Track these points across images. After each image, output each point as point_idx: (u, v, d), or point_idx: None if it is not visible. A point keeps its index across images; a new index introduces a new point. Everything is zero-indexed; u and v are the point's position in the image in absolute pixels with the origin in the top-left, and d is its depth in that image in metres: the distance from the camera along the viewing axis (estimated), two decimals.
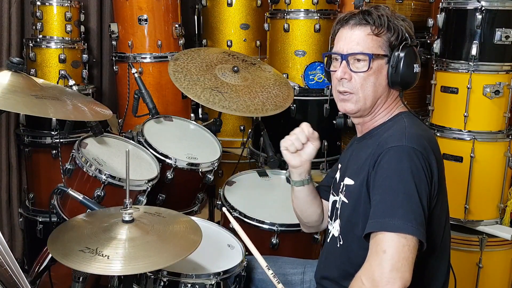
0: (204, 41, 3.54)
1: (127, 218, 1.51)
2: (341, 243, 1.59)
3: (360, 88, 1.55)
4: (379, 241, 1.35)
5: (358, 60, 1.54)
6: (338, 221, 1.62)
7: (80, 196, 1.90)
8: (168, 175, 2.25)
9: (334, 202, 1.66)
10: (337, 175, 1.70)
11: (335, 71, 1.58)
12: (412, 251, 1.34)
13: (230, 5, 3.35)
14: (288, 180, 1.75)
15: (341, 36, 1.59)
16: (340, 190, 1.62)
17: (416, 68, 1.57)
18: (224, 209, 1.90)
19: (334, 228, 1.64)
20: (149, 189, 2.11)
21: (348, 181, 1.59)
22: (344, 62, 1.55)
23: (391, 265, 1.31)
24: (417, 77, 1.59)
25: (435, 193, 1.46)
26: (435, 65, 2.59)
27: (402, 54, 1.53)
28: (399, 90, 1.60)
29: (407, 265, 1.32)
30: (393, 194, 1.39)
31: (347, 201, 1.58)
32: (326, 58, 1.67)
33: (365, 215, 1.47)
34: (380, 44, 1.54)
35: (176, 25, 3.11)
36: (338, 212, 1.62)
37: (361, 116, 1.62)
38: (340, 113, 2.61)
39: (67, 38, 2.99)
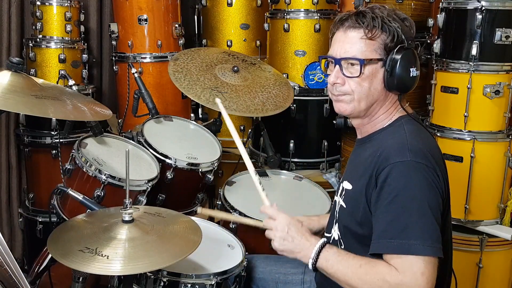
0: (204, 41, 3.54)
1: (127, 218, 1.51)
2: (342, 247, 1.58)
3: (354, 91, 1.52)
4: (408, 263, 1.35)
5: (352, 64, 1.50)
6: (337, 224, 1.61)
7: (80, 196, 1.90)
8: (168, 175, 2.25)
9: (335, 202, 1.66)
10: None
11: (330, 75, 1.56)
12: (435, 269, 1.36)
13: (230, 5, 3.35)
14: None
15: (335, 39, 1.56)
16: (340, 193, 1.61)
17: (413, 71, 1.51)
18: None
19: (335, 232, 1.62)
20: (149, 189, 2.11)
21: (346, 185, 1.58)
22: (337, 66, 1.52)
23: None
24: (415, 81, 1.53)
25: (445, 202, 1.45)
26: (435, 65, 2.59)
27: (397, 57, 1.47)
28: (398, 94, 1.55)
29: (432, 281, 1.35)
30: (407, 213, 1.38)
31: (345, 206, 1.57)
32: (323, 61, 1.63)
33: (362, 223, 1.47)
34: (374, 47, 1.49)
35: (176, 25, 3.11)
36: (337, 215, 1.61)
37: (358, 117, 1.59)
38: None
39: (67, 38, 2.99)
